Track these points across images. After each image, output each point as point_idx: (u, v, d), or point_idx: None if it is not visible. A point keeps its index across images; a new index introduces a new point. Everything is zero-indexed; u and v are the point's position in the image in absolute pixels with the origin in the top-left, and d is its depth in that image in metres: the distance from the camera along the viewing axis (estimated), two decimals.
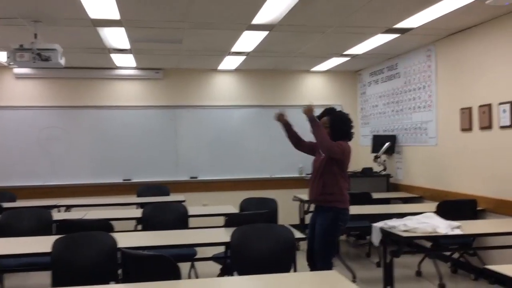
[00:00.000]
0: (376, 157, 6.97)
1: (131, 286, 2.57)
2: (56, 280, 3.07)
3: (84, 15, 4.61)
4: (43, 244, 3.45)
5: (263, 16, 4.77)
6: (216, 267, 4.04)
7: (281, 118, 4.14)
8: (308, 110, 3.85)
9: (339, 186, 3.91)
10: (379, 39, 5.84)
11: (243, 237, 3.39)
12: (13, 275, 4.90)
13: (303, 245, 4.41)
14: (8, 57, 4.68)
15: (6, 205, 5.39)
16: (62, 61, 4.87)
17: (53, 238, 3.44)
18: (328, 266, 3.78)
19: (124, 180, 7.60)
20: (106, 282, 2.78)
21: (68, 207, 5.88)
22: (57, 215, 4.84)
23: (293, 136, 4.20)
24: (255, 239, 3.40)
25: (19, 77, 7.37)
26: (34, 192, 7.05)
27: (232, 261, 3.36)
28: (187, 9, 4.49)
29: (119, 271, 3.16)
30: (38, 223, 4.46)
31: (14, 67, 7.04)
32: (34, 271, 4.47)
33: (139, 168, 7.68)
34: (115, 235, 3.31)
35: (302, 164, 7.81)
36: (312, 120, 3.85)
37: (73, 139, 7.51)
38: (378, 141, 7.21)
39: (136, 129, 7.71)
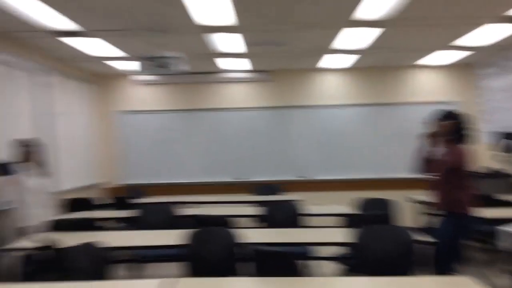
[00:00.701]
0: (498, 156, 6.52)
1: (259, 280, 2.70)
2: (193, 271, 3.32)
3: (204, 23, 4.90)
4: (173, 237, 3.75)
5: (369, 11, 4.73)
6: (328, 266, 4.05)
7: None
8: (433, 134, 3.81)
9: (462, 191, 3.76)
10: (497, 29, 5.48)
11: (367, 238, 3.38)
12: (150, 265, 5.31)
13: (422, 248, 4.27)
14: (138, 66, 5.13)
15: (136, 201, 5.87)
16: (183, 67, 5.22)
17: (181, 232, 3.73)
18: (451, 271, 3.65)
19: (236, 179, 7.91)
20: (230, 275, 2.95)
21: (192, 204, 6.24)
22: (180, 211, 5.18)
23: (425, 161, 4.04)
24: (379, 240, 3.38)
25: (143, 83, 8.00)
26: (159, 189, 7.61)
27: (357, 261, 3.37)
28: (291, 9, 4.60)
29: (239, 266, 3.32)
30: (167, 217, 4.82)
31: (142, 75, 7.66)
32: (166, 262, 4.83)
33: (252, 167, 7.95)
34: (238, 232, 3.49)
35: None
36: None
37: (191, 140, 7.99)
38: (500, 138, 6.73)
39: (248, 130, 8.00)
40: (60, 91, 6.54)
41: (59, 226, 4.21)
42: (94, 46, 5.82)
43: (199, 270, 3.29)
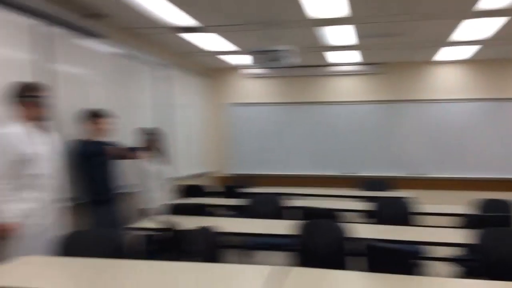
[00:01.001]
0: None
1: (370, 276, 2.65)
2: (301, 261, 3.36)
3: (315, 16, 4.88)
4: (281, 226, 3.82)
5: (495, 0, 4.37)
6: (442, 267, 3.85)
7: None
8: None
9: None
10: None
11: (489, 240, 3.17)
12: (259, 252, 5.48)
13: None
14: (250, 60, 5.26)
15: (246, 190, 6.05)
16: (294, 60, 5.26)
17: (290, 222, 3.78)
18: None
19: (347, 173, 7.81)
20: (339, 268, 2.91)
21: (298, 196, 6.29)
22: (287, 202, 5.24)
23: None
24: (502, 243, 3.15)
25: (253, 76, 8.20)
26: (266, 180, 7.77)
27: (477, 264, 3.17)
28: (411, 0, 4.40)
29: (347, 260, 3.28)
30: (276, 208, 4.92)
31: (253, 68, 7.85)
32: (273, 251, 4.93)
33: (361, 162, 7.80)
34: (346, 226, 3.46)
35: None
36: None
37: (299, 133, 8.04)
38: None
39: (358, 124, 7.85)
40: (178, 84, 6.93)
41: (176, 209, 4.49)
42: (210, 41, 6.08)
43: (307, 261, 3.31)
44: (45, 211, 3.33)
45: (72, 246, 2.96)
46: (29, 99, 3.26)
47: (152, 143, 5.06)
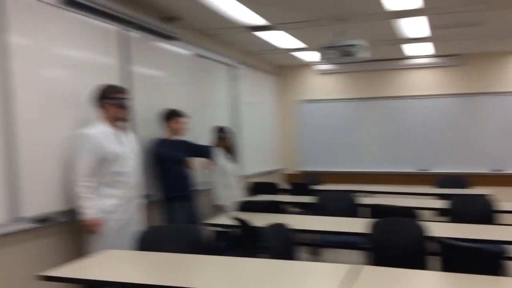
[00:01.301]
0: None
1: (448, 276, 2.56)
2: (375, 260, 3.31)
3: (387, 8, 4.77)
4: (355, 224, 3.78)
5: None
6: None
7: None
8: None
9: None
10: None
11: None
12: (330, 250, 5.45)
13: None
14: (319, 56, 5.23)
15: (317, 187, 6.03)
16: (365, 55, 5.15)
17: (363, 220, 3.73)
18: None
19: (419, 170, 7.56)
20: (417, 267, 2.84)
21: (370, 193, 6.18)
22: (362, 200, 5.16)
23: None
24: None
25: (322, 73, 8.14)
26: (336, 177, 7.70)
27: None
28: None
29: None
30: (349, 205, 4.86)
31: (322, 64, 7.80)
32: (344, 249, 4.89)
33: (434, 158, 7.52)
34: (421, 224, 3.35)
35: None
36: None
37: (369, 129, 7.88)
38: None
39: (431, 118, 7.56)
40: (248, 82, 7.03)
41: (247, 207, 4.54)
42: (279, 39, 6.11)
43: (380, 259, 3.25)
44: (126, 208, 3.51)
45: (149, 241, 3.09)
46: (111, 101, 3.45)
47: (223, 141, 5.17)
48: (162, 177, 4.37)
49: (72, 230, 3.52)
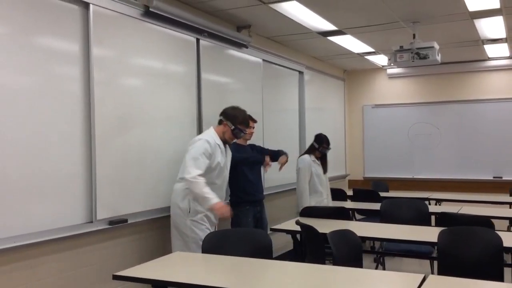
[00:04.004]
0: None
1: None
2: (441, 269, 3.21)
3: (463, 9, 4.61)
4: (421, 233, 3.68)
5: None
6: None
7: None
8: None
9: None
10: None
11: None
12: (390, 259, 5.34)
13: None
14: (389, 59, 5.13)
15: (382, 194, 5.91)
16: (439, 58, 5.00)
17: (430, 229, 3.61)
18: None
19: (494, 177, 7.19)
20: (490, 279, 2.72)
21: (439, 201, 5.98)
22: (430, 208, 5.00)
23: None
24: None
25: (392, 76, 7.97)
26: (404, 184, 7.50)
27: None
28: None
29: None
30: (415, 213, 4.73)
31: (393, 68, 7.64)
32: (411, 258, 4.77)
33: (510, 165, 7.11)
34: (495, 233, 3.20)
35: None
36: None
37: (441, 134, 7.59)
38: None
39: (506, 123, 7.16)
40: (316, 87, 7.02)
41: (313, 212, 4.50)
42: (347, 43, 6.08)
43: (451, 269, 3.14)
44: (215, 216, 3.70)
45: (215, 244, 3.12)
46: (235, 130, 3.79)
47: (319, 149, 5.02)
48: (232, 182, 4.36)
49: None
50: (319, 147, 5.01)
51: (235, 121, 3.77)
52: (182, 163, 3.65)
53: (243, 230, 3.82)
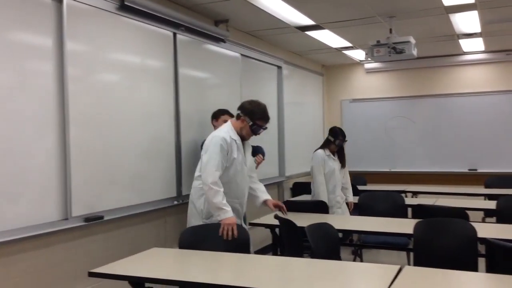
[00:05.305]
0: None
1: (496, 277, 2.50)
2: (417, 260, 3.26)
3: (438, 4, 4.66)
4: (398, 225, 3.73)
5: None
6: None
7: None
8: None
9: None
10: None
11: None
12: (367, 251, 5.41)
13: None
14: (366, 54, 5.17)
15: (360, 188, 5.97)
16: (415, 52, 5.05)
17: (407, 221, 3.66)
18: None
19: (470, 169, 7.32)
20: (465, 269, 2.78)
21: (415, 193, 6.07)
22: (407, 200, 5.07)
23: None
24: None
25: (369, 71, 8.03)
26: (382, 177, 7.58)
27: None
28: None
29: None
30: (392, 205, 4.79)
31: (369, 62, 7.69)
32: (389, 249, 4.84)
33: (485, 157, 7.26)
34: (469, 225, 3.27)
35: None
36: None
37: (418, 128, 7.69)
38: None
39: (482, 116, 7.29)
40: (294, 82, 7.04)
41: (291, 206, 4.50)
42: (325, 38, 6.10)
43: (424, 260, 3.19)
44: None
45: (190, 240, 3.10)
46: (253, 126, 3.44)
47: (334, 143, 4.89)
48: None
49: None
50: (335, 140, 4.84)
51: (254, 116, 3.45)
52: (200, 160, 3.52)
53: (216, 225, 3.80)
